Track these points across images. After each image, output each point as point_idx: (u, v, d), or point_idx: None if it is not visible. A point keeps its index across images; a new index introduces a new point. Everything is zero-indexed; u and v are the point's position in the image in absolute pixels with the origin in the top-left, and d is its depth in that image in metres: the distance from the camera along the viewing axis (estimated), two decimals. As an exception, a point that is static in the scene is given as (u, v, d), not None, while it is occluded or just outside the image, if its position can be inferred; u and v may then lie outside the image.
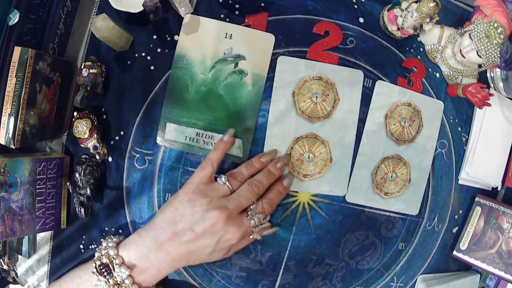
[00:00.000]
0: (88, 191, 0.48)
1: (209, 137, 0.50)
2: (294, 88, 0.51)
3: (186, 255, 0.43)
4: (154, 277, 0.43)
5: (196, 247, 0.43)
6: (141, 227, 0.45)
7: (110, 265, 0.41)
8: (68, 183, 0.48)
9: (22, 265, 0.57)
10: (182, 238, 0.42)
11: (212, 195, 0.44)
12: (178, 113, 0.50)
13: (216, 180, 0.46)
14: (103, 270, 0.41)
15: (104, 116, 0.51)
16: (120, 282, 0.41)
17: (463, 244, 0.61)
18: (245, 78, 0.50)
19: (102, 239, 0.45)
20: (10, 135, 0.42)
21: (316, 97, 0.51)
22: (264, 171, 0.48)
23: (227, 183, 0.45)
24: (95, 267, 0.42)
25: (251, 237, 0.47)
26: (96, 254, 0.43)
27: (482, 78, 0.59)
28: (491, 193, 0.64)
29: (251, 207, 0.45)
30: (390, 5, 0.52)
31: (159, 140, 0.50)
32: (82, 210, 0.49)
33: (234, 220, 0.43)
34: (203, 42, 0.49)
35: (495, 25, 0.47)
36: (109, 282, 0.41)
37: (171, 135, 0.50)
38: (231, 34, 0.50)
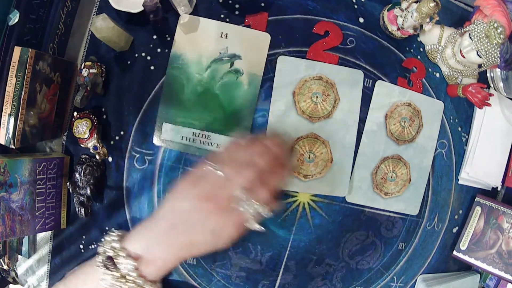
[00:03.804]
0: (88, 191, 0.48)
1: (205, 137, 0.50)
2: (294, 88, 0.51)
3: (187, 245, 0.42)
4: (159, 269, 0.42)
5: (193, 238, 0.42)
6: (145, 218, 0.44)
7: (115, 258, 0.41)
8: (68, 183, 0.48)
9: (22, 265, 0.56)
10: (179, 229, 0.41)
11: (204, 185, 0.42)
12: (174, 113, 0.50)
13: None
14: (109, 264, 0.41)
15: (104, 116, 0.51)
16: (126, 274, 0.40)
17: (463, 244, 0.61)
18: (241, 78, 0.50)
19: (104, 234, 0.45)
20: (10, 135, 0.42)
21: (317, 97, 0.51)
22: (262, 151, 0.43)
23: (221, 171, 0.42)
24: (100, 261, 0.41)
25: (247, 225, 0.43)
26: (100, 249, 0.43)
27: (482, 78, 0.59)
28: (491, 193, 0.64)
29: (240, 194, 0.41)
30: (390, 5, 0.52)
31: (155, 140, 0.50)
32: (82, 210, 0.49)
33: (225, 210, 0.41)
34: (198, 41, 0.49)
35: (495, 25, 0.47)
36: (115, 276, 0.40)
37: (168, 135, 0.50)
38: (226, 34, 0.49)
